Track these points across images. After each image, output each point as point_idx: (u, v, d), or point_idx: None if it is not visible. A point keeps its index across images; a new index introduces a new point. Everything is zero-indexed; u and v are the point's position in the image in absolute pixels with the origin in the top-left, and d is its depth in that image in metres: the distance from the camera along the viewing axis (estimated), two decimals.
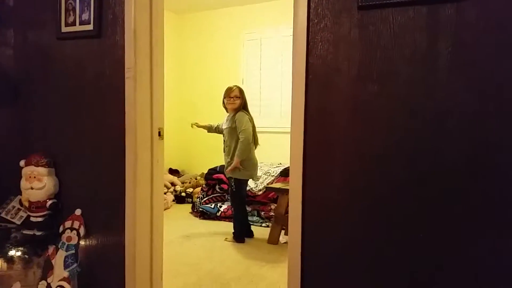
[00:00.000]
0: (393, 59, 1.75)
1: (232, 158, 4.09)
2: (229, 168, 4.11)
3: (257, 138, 4.24)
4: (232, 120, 4.08)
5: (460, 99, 1.65)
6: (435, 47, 1.68)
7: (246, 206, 4.68)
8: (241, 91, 4.15)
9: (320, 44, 1.89)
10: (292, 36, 1.98)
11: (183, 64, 6.82)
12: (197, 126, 4.55)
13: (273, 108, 6.02)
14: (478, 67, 1.62)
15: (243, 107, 4.14)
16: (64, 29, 2.50)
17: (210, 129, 4.51)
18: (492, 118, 1.61)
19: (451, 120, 1.67)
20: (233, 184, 4.20)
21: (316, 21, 1.89)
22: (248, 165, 4.12)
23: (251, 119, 4.12)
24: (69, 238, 2.46)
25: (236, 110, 4.10)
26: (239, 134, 4.01)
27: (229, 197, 4.76)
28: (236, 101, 4.09)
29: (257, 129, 4.26)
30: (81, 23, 2.43)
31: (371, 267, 1.84)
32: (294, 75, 1.95)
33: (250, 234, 4.38)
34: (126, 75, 2.31)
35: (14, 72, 2.77)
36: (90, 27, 2.40)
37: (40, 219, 2.55)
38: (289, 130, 1.99)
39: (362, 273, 1.86)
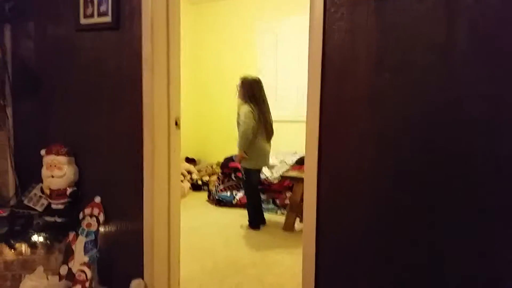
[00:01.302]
0: (410, 48, 1.74)
1: None
2: (236, 158, 4.16)
3: (271, 128, 4.23)
4: (238, 111, 4.14)
5: (477, 88, 1.64)
6: (453, 36, 1.67)
7: (261, 194, 4.72)
8: (242, 81, 4.16)
9: (336, 33, 1.88)
10: (308, 26, 1.98)
11: (199, 54, 6.83)
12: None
13: (289, 97, 5.99)
14: (497, 56, 1.60)
15: (250, 98, 4.10)
16: (83, 21, 2.53)
17: None
18: (507, 110, 1.59)
19: (468, 109, 1.66)
20: (243, 173, 4.27)
21: (332, 10, 1.88)
22: (254, 155, 4.15)
23: (253, 111, 4.04)
24: (89, 225, 2.53)
25: (242, 100, 4.14)
26: (239, 127, 4.07)
27: None
28: (239, 91, 4.15)
29: (273, 119, 4.26)
30: (100, 14, 2.45)
31: (385, 253, 1.86)
32: (310, 65, 1.95)
33: (263, 222, 4.43)
34: (143, 66, 2.35)
35: (35, 64, 2.82)
36: (108, 18, 2.43)
37: (60, 207, 2.62)
38: (305, 119, 2.00)
39: (376, 259, 1.88)
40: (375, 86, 1.82)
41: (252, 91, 4.12)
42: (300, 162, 4.94)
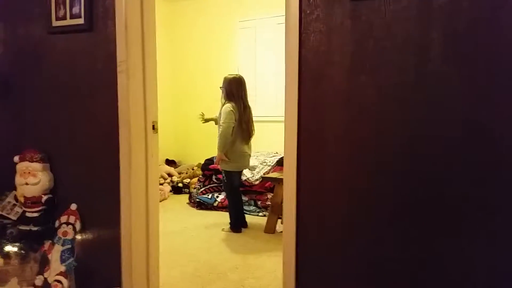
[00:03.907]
0: (386, 49, 1.74)
1: None
2: (215, 160, 4.13)
3: (251, 128, 4.19)
4: (220, 111, 4.09)
5: (452, 88, 1.65)
6: (427, 37, 1.67)
7: (243, 196, 4.70)
8: (224, 80, 4.12)
9: (312, 35, 1.87)
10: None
11: (176, 54, 6.77)
12: (204, 119, 4.53)
13: (268, 96, 5.97)
14: (471, 57, 1.62)
15: (229, 96, 4.05)
16: (55, 23, 2.47)
17: (216, 121, 4.43)
18: (484, 106, 1.61)
19: (443, 110, 1.67)
20: (224, 175, 4.23)
21: (308, 11, 1.87)
22: (234, 157, 4.10)
23: (233, 110, 3.98)
24: (65, 233, 2.46)
25: (223, 100, 4.10)
26: (219, 128, 4.02)
27: None
28: (222, 91, 4.12)
29: (253, 119, 4.23)
30: (72, 16, 2.40)
31: (365, 253, 1.86)
32: (287, 67, 1.94)
33: (244, 225, 4.40)
34: (118, 69, 2.30)
35: (5, 66, 2.74)
36: (81, 20, 2.37)
37: (36, 215, 2.55)
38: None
39: (357, 259, 1.88)
40: (352, 88, 1.82)
41: (231, 89, 4.07)
42: (281, 163, 4.95)
